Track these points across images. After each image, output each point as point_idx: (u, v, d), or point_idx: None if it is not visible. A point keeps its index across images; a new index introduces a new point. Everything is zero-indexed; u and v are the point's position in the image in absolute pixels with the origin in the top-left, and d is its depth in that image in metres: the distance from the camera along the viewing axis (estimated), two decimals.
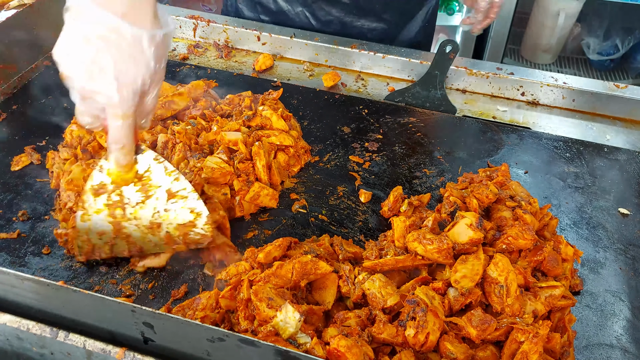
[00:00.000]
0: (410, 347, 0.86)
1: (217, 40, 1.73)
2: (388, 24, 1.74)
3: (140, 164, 0.94)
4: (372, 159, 1.33)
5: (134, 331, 0.73)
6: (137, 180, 0.95)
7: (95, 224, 0.98)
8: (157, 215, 0.98)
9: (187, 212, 0.98)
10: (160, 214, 0.98)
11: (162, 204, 0.97)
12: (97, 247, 1.01)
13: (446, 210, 1.09)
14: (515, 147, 1.39)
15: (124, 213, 0.97)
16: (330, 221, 1.18)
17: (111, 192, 0.95)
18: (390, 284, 0.94)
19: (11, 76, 1.47)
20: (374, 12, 1.70)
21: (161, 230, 1.00)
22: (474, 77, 1.58)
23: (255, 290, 0.89)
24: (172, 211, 0.98)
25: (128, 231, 1.00)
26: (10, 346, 0.81)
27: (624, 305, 1.04)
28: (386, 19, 1.72)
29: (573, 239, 1.16)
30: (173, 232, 1.00)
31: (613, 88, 1.52)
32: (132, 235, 1.00)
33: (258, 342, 0.68)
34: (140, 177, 0.95)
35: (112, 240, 1.00)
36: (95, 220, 0.97)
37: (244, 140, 1.20)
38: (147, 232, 1.00)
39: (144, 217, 0.98)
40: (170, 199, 0.97)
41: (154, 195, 0.96)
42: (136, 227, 0.99)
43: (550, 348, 0.89)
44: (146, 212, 0.97)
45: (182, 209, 0.98)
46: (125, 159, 0.91)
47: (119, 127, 0.84)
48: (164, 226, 0.99)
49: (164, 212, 0.98)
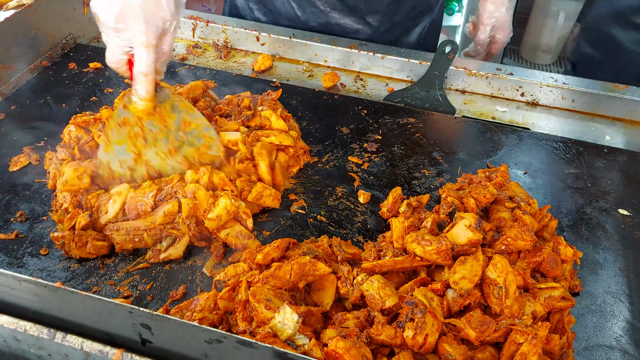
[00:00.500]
0: (409, 349, 0.86)
1: (216, 40, 1.73)
2: (372, 29, 1.72)
3: (159, 98, 1.07)
4: (371, 160, 1.33)
5: (132, 332, 0.73)
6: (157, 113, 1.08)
7: (117, 153, 1.10)
8: (175, 141, 1.11)
9: (201, 138, 1.13)
10: (177, 140, 1.11)
11: (178, 132, 1.11)
12: (118, 174, 1.11)
13: (445, 211, 1.09)
14: (514, 148, 1.38)
15: (144, 142, 1.10)
16: (329, 222, 1.17)
17: (133, 126, 1.08)
18: (389, 285, 0.94)
19: (10, 76, 1.47)
20: (357, 11, 1.68)
21: (178, 155, 1.12)
22: (474, 77, 1.58)
23: (254, 291, 0.88)
24: (188, 137, 1.12)
25: (147, 158, 1.11)
26: (8, 348, 0.81)
27: (623, 307, 1.04)
28: (371, 23, 1.71)
29: (572, 240, 1.16)
30: (190, 155, 1.13)
31: (613, 89, 1.52)
32: (151, 161, 1.11)
33: (256, 343, 0.68)
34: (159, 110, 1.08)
35: (132, 166, 1.11)
36: (117, 149, 1.09)
37: (244, 140, 1.20)
38: (165, 157, 1.11)
39: (162, 144, 1.11)
40: (185, 127, 1.11)
41: (171, 124, 1.10)
42: (155, 154, 1.11)
43: (549, 349, 0.89)
44: (164, 140, 1.11)
45: (196, 135, 1.13)
46: (148, 89, 1.03)
47: (144, 56, 0.98)
48: (181, 151, 1.12)
49: (181, 139, 1.12)
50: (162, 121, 1.09)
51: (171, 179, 1.13)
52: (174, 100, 1.09)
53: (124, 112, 1.07)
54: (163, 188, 1.12)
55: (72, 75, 1.54)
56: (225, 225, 1.09)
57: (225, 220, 1.08)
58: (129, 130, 1.08)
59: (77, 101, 1.45)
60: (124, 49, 1.00)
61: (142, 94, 1.04)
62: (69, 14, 1.65)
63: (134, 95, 1.05)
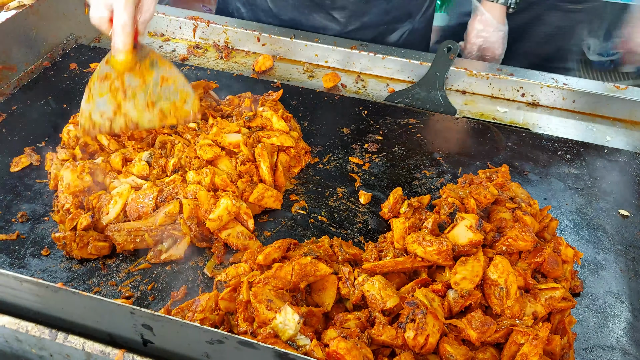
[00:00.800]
0: (410, 349, 0.86)
1: (217, 41, 1.73)
2: (340, 26, 1.71)
3: (139, 55, 1.12)
4: (372, 160, 1.33)
5: (133, 333, 0.73)
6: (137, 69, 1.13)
7: (97, 105, 1.14)
8: (152, 96, 1.16)
9: (177, 93, 1.18)
10: (155, 95, 1.16)
11: (156, 87, 1.16)
12: (98, 124, 1.15)
13: (445, 212, 1.09)
14: (515, 149, 1.38)
15: (124, 96, 1.14)
16: (330, 222, 1.18)
17: (114, 80, 1.13)
18: (390, 285, 0.94)
19: (11, 77, 1.47)
20: (324, 6, 1.68)
21: (155, 108, 1.17)
22: (474, 78, 1.58)
23: (255, 292, 0.88)
24: (165, 92, 1.17)
25: (126, 110, 1.15)
26: (10, 348, 0.81)
27: (624, 307, 1.04)
28: (338, 20, 1.70)
29: (573, 241, 1.16)
30: (166, 109, 1.18)
31: (613, 89, 1.52)
32: (129, 113, 1.16)
33: (257, 344, 0.68)
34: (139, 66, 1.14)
35: (112, 117, 1.15)
36: (98, 101, 1.14)
37: (245, 142, 1.20)
38: (142, 110, 1.16)
39: (140, 98, 1.16)
40: (163, 83, 1.16)
41: (150, 80, 1.15)
42: (134, 107, 1.16)
43: (550, 350, 0.89)
44: (142, 94, 1.16)
45: (173, 91, 1.18)
46: (125, 41, 1.07)
47: (121, 8, 1.03)
48: (157, 105, 1.17)
49: (158, 94, 1.17)
50: (141, 76, 1.14)
51: (173, 180, 1.14)
52: (154, 57, 1.14)
53: (106, 67, 1.12)
54: (164, 189, 1.12)
55: (73, 75, 1.54)
56: (227, 225, 1.09)
57: (226, 220, 1.08)
58: (110, 84, 1.13)
59: (78, 102, 1.45)
60: (106, 4, 1.05)
61: (119, 47, 1.07)
62: (70, 15, 1.65)
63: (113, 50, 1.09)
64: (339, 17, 1.69)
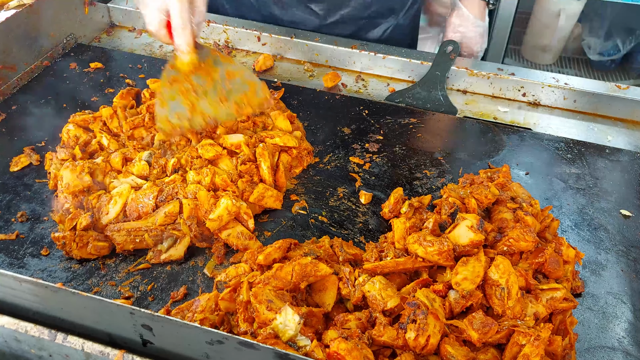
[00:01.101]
0: (411, 350, 0.86)
1: (217, 40, 1.73)
2: (319, 18, 1.70)
3: (201, 56, 1.16)
4: (373, 160, 1.33)
5: (133, 333, 0.73)
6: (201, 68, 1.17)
7: (172, 108, 1.17)
8: (223, 91, 1.20)
9: (246, 84, 1.22)
10: (225, 90, 1.20)
11: (225, 82, 1.20)
12: (177, 125, 1.18)
13: (446, 212, 1.08)
14: (516, 148, 1.38)
15: (196, 95, 1.18)
16: (331, 222, 1.17)
17: (182, 82, 1.16)
18: (391, 286, 0.94)
19: (10, 77, 1.47)
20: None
21: (229, 102, 1.20)
22: (475, 77, 1.58)
23: (255, 292, 0.88)
24: (235, 86, 1.21)
25: (201, 108, 1.18)
26: (9, 348, 0.80)
27: (625, 308, 1.03)
28: (317, 12, 1.69)
29: (574, 241, 1.16)
30: (239, 100, 1.21)
31: (614, 89, 1.52)
32: (206, 110, 1.19)
33: (257, 344, 0.68)
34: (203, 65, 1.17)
35: (189, 117, 1.18)
36: (172, 105, 1.17)
37: (247, 142, 1.20)
38: (217, 105, 1.19)
39: (212, 94, 1.19)
40: (230, 77, 1.20)
41: (216, 77, 1.19)
42: (208, 103, 1.18)
43: (551, 351, 0.88)
44: (213, 91, 1.19)
45: (242, 83, 1.21)
46: (188, 41, 1.10)
47: (178, 9, 1.05)
48: (230, 98, 1.20)
49: (227, 87, 1.20)
50: (207, 75, 1.18)
51: (173, 180, 1.13)
52: (215, 55, 1.18)
53: (171, 72, 1.15)
54: (164, 189, 1.12)
55: (73, 75, 1.54)
56: (227, 225, 1.09)
57: (227, 220, 1.08)
58: (179, 87, 1.16)
59: (78, 101, 1.45)
60: (160, 9, 1.07)
61: (183, 47, 1.10)
62: (70, 14, 1.65)
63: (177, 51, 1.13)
64: (317, 10, 1.69)
